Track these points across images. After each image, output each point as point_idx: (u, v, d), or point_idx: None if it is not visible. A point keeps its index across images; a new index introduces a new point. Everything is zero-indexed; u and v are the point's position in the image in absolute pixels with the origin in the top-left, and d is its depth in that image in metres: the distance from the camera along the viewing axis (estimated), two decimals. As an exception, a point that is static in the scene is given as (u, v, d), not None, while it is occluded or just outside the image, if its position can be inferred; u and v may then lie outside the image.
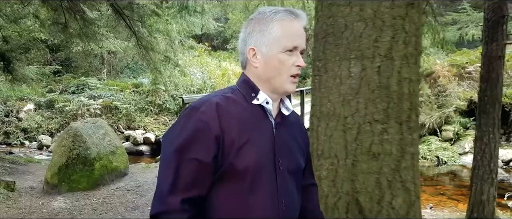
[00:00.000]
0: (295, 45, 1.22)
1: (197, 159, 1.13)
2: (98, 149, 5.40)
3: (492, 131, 5.32)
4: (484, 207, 5.37)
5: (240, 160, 1.16)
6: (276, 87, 1.25)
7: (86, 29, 9.64)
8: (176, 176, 1.13)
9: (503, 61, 5.33)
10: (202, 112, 1.15)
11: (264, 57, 1.23)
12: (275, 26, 1.22)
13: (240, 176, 1.17)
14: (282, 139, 1.29)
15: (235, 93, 1.26)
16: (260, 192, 1.20)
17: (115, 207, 4.52)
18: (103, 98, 13.51)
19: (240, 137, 1.17)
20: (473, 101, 12.08)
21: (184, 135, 1.15)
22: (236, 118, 1.19)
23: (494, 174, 5.35)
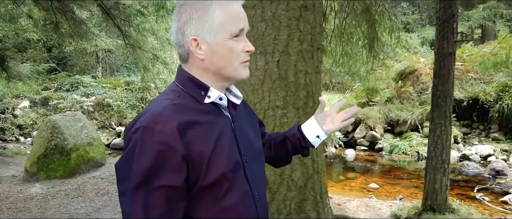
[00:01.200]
0: (240, 27, 1.13)
1: (166, 186, 1.02)
2: (75, 141, 5.80)
3: (444, 124, 5.68)
4: (437, 195, 5.72)
5: (213, 172, 1.07)
6: (229, 76, 1.16)
7: (76, 28, 9.96)
8: (146, 210, 1.00)
9: (454, 58, 5.68)
10: (160, 133, 1.01)
11: (210, 47, 1.11)
12: (216, 10, 1.10)
13: (214, 186, 1.09)
14: (241, 130, 1.23)
15: (182, 96, 1.13)
16: (234, 194, 1.13)
17: (86, 193, 4.92)
18: (96, 95, 13.93)
19: (207, 147, 1.08)
20: (454, 98, 12.38)
21: (145, 163, 1.00)
22: (196, 126, 1.08)
23: (446, 164, 5.70)
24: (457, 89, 12.32)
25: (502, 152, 11.08)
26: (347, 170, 11.01)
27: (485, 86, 11.98)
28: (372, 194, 8.45)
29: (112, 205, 4.48)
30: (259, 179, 1.27)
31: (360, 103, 13.59)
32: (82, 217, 4.11)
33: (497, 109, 11.42)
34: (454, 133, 12.04)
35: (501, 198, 8.11)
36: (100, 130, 13.23)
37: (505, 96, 11.34)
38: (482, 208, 7.74)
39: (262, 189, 1.28)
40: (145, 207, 1.00)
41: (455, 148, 11.77)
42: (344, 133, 13.61)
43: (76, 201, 4.60)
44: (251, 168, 1.22)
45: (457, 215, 5.64)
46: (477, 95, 11.89)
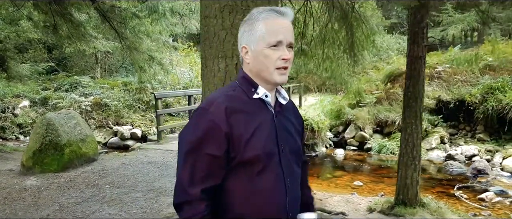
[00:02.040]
0: (278, 40, 1.33)
1: (210, 154, 1.30)
2: (68, 137, 6.18)
3: (414, 123, 6.02)
4: (408, 190, 6.06)
5: (249, 151, 1.32)
6: (267, 79, 1.38)
7: (74, 31, 10.29)
8: (193, 170, 1.31)
9: (424, 61, 6.03)
10: (212, 113, 1.30)
11: (253, 54, 1.37)
12: (260, 24, 1.35)
13: (250, 165, 1.33)
14: (282, 125, 1.45)
15: (237, 90, 1.41)
16: (268, 176, 1.36)
17: (77, 185, 5.29)
18: (94, 95, 14.28)
19: (247, 131, 1.33)
20: (441, 99, 12.77)
21: (198, 134, 1.31)
22: (241, 114, 1.34)
23: (417, 160, 6.03)
24: (444, 91, 12.70)
25: (487, 152, 11.40)
26: (335, 169, 11.36)
27: (471, 88, 12.32)
28: (355, 191, 8.81)
29: (100, 196, 4.84)
30: (293, 170, 1.46)
31: (350, 104, 13.94)
32: (71, 206, 4.48)
33: (482, 110, 11.76)
34: (441, 134, 12.42)
35: (479, 195, 8.47)
36: (98, 129, 13.60)
37: (490, 98, 11.68)
38: (460, 205, 8.09)
39: (294, 179, 1.47)
40: (192, 169, 1.31)
41: (442, 149, 12.12)
42: (335, 133, 13.96)
43: (67, 192, 4.97)
44: (287, 159, 1.43)
45: (427, 209, 5.97)
46: (463, 97, 12.23)
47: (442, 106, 12.72)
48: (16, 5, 10.49)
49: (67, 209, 4.38)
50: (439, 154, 11.92)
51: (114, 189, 5.13)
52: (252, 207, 1.35)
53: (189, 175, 1.31)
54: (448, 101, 12.54)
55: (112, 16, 10.08)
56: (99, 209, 4.39)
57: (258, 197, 1.35)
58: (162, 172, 6.05)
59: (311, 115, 12.97)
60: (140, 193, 4.97)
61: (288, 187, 1.41)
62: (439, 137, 12.35)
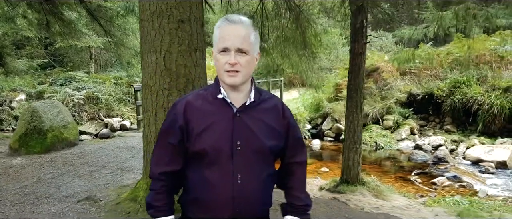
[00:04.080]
0: (225, 46, 1.44)
1: (171, 143, 1.52)
2: (51, 123, 6.98)
3: (355, 112, 6.77)
4: (350, 170, 6.83)
5: (198, 144, 1.47)
6: (221, 80, 1.51)
7: (65, 28, 11.03)
8: (158, 154, 1.58)
9: (364, 57, 6.77)
10: (177, 108, 1.52)
11: (213, 58, 1.52)
12: (216, 32, 1.49)
13: (200, 157, 1.49)
14: (243, 124, 1.51)
15: (208, 90, 1.57)
16: (216, 168, 1.48)
17: (56, 164, 6.10)
18: (86, 89, 15.07)
19: (199, 126, 1.48)
20: (412, 93, 13.51)
21: (165, 125, 1.56)
22: (199, 111, 1.50)
23: (358, 145, 6.79)
24: (415, 85, 13.42)
25: (452, 142, 12.14)
26: (309, 158, 12.12)
27: (439, 82, 13.04)
28: (320, 175, 9.60)
29: (74, 172, 5.64)
30: (253, 168, 1.52)
31: (328, 98, 14.67)
32: (47, 179, 5.29)
33: (449, 103, 12.50)
34: (411, 126, 13.17)
35: (432, 180, 9.23)
36: (90, 121, 14.41)
37: (457, 92, 12.41)
38: (412, 187, 8.86)
39: (254, 177, 1.53)
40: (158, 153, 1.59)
41: (411, 139, 12.88)
42: (314, 125, 14.72)
43: (46, 169, 5.77)
44: (245, 157, 1.50)
45: (367, 187, 6.75)
46: (432, 90, 12.97)
47: (413, 99, 13.46)
48: (11, 4, 11.27)
49: (43, 181, 5.19)
50: (408, 144, 12.68)
51: (87, 167, 5.94)
52: (201, 194, 1.50)
53: (155, 158, 1.59)
54: (418, 94, 13.27)
55: (100, 15, 10.82)
56: (71, 181, 5.20)
57: (205, 187, 1.49)
58: (134, 155, 6.85)
59: (290, 108, 13.72)
60: (109, 171, 5.78)
61: (238, 182, 1.48)
62: (409, 129, 13.11)
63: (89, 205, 4.11)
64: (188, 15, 3.73)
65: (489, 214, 5.68)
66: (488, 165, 10.21)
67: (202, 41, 3.93)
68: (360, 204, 5.90)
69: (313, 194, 6.99)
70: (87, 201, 4.23)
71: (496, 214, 5.65)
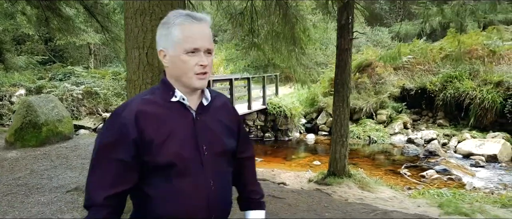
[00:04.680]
0: (195, 47, 1.30)
1: (119, 160, 1.26)
2: (46, 117, 7.18)
3: (342, 106, 6.94)
4: (337, 163, 7.02)
5: (162, 156, 1.27)
6: (185, 84, 1.34)
7: (63, 24, 11.21)
8: (101, 175, 1.27)
9: (350, 53, 6.93)
10: (123, 117, 1.27)
11: (171, 58, 1.33)
12: (176, 30, 1.30)
13: (165, 169, 1.29)
14: (205, 127, 1.39)
15: (155, 94, 1.37)
16: (186, 179, 1.32)
17: (50, 157, 6.31)
18: (85, 84, 15.30)
19: (158, 135, 1.28)
20: (405, 88, 13.66)
21: (108, 138, 1.28)
22: (153, 118, 1.29)
23: (344, 138, 6.96)
24: (408, 80, 13.57)
25: (444, 136, 12.31)
26: (303, 151, 12.36)
27: (432, 77, 13.19)
28: (311, 168, 9.78)
29: (66, 164, 5.85)
30: (221, 171, 1.44)
31: (323, 92, 14.84)
32: (41, 171, 5.50)
33: (442, 97, 12.66)
34: (404, 120, 13.34)
35: (421, 173, 9.41)
36: (88, 116, 14.64)
37: (449, 86, 12.56)
38: (400, 180, 9.04)
39: (222, 180, 1.43)
40: (100, 173, 1.27)
41: (404, 133, 13.05)
42: (309, 120, 14.90)
43: (40, 162, 5.97)
44: (212, 161, 1.38)
45: (353, 179, 6.93)
46: (425, 85, 13.12)
47: (406, 94, 13.61)
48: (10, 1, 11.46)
49: (36, 173, 5.39)
50: (401, 138, 12.86)
51: (80, 160, 6.14)
52: (170, 210, 1.32)
53: (97, 180, 1.28)
54: (411, 89, 13.42)
55: (97, 11, 11.00)
56: (63, 173, 5.40)
57: (176, 200, 1.32)
58: (127, 148, 7.05)
59: (285, 102, 13.92)
60: (100, 163, 5.98)
61: (212, 188, 1.38)
62: (402, 123, 13.27)
63: (77, 195, 4.31)
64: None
65: (470, 205, 5.85)
66: (479, 158, 10.38)
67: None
68: (345, 196, 6.08)
69: (301, 186, 7.18)
70: (75, 191, 4.43)
71: (477, 205, 5.82)
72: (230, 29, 8.14)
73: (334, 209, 4.57)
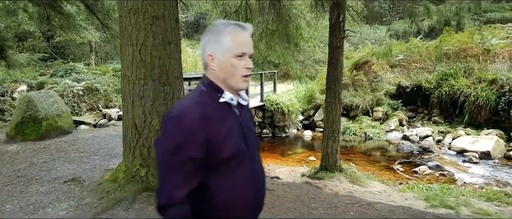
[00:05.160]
0: (243, 51, 1.49)
1: (191, 158, 1.41)
2: (46, 112, 7.39)
3: (334, 102, 7.12)
4: (329, 157, 7.20)
5: (225, 151, 1.46)
6: (231, 85, 1.52)
7: (64, 21, 11.39)
8: (178, 174, 1.42)
9: (342, 51, 7.10)
10: (188, 120, 1.41)
11: (219, 62, 1.50)
12: (227, 37, 1.48)
13: (227, 162, 1.48)
14: (246, 124, 1.61)
15: (203, 96, 1.52)
16: (243, 168, 1.53)
17: (49, 150, 6.51)
18: (86, 81, 15.50)
19: (220, 133, 1.46)
20: (401, 85, 13.82)
21: (178, 140, 1.41)
22: (214, 119, 1.47)
23: (336, 133, 7.15)
24: (404, 78, 13.74)
25: (439, 133, 12.47)
26: (299, 147, 12.54)
27: (428, 75, 13.34)
28: (306, 164, 9.97)
29: (65, 157, 6.05)
30: (259, 162, 1.68)
31: (321, 89, 14.99)
32: (40, 163, 5.70)
33: (437, 95, 12.82)
34: (400, 117, 13.51)
35: (414, 169, 9.59)
36: (89, 111, 14.85)
37: (444, 84, 12.71)
38: (393, 175, 9.22)
39: (260, 166, 1.67)
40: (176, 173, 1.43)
41: (400, 130, 13.22)
42: (306, 117, 15.08)
43: (39, 155, 6.18)
44: (252, 153, 1.60)
45: (344, 173, 7.12)
46: (420, 82, 13.28)
47: (402, 91, 13.77)
48: (13, -1, 11.62)
49: (35, 165, 5.59)
50: (396, 135, 13.03)
51: (78, 153, 6.34)
52: (232, 197, 1.51)
53: (175, 179, 1.43)
54: (407, 86, 13.58)
55: (97, 9, 11.18)
56: (61, 166, 5.60)
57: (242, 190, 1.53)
58: (125, 143, 7.26)
59: (283, 99, 14.10)
60: (98, 156, 6.18)
61: (260, 177, 1.63)
62: (398, 120, 13.44)
63: (74, 185, 4.51)
64: (162, 12, 4.09)
65: (456, 198, 6.03)
66: (472, 155, 10.53)
67: (176, 35, 4.30)
68: (335, 189, 6.26)
69: (294, 180, 7.37)
70: (72, 182, 4.63)
71: (462, 199, 6.00)
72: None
73: (321, 200, 4.76)
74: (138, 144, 4.22)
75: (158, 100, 4.17)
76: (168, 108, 4.22)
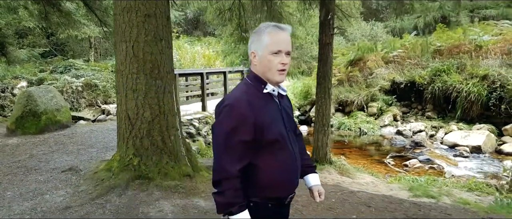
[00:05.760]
0: (279, 49, 1.71)
1: (243, 140, 1.67)
2: (45, 107, 7.65)
3: (324, 97, 7.33)
4: (319, 150, 7.43)
5: (269, 134, 1.71)
6: (269, 78, 1.76)
7: (63, 19, 11.59)
8: (232, 153, 1.68)
9: (331, 47, 7.30)
10: (239, 108, 1.68)
11: (260, 58, 1.75)
12: (266, 37, 1.72)
13: (272, 144, 1.73)
14: (285, 112, 1.87)
15: (249, 87, 1.79)
16: (284, 151, 1.78)
17: (48, 143, 6.76)
18: (85, 77, 15.71)
19: (266, 119, 1.71)
20: (395, 81, 14.03)
21: (231, 125, 1.67)
22: (260, 107, 1.72)
23: (326, 127, 7.37)
24: (398, 73, 13.95)
25: (432, 128, 12.68)
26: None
27: (421, 70, 13.55)
28: (300, 158, 10.17)
29: (63, 150, 6.30)
30: (296, 144, 1.92)
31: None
32: (39, 155, 5.95)
33: (430, 91, 13.03)
34: (394, 112, 13.73)
35: (404, 162, 9.82)
36: (88, 107, 15.07)
37: (437, 80, 12.91)
38: (384, 168, 9.45)
39: (297, 149, 1.90)
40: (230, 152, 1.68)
41: (394, 125, 13.43)
42: (302, 112, 15.31)
43: (39, 147, 6.43)
44: (291, 137, 1.87)
45: (334, 166, 7.35)
46: (414, 78, 13.49)
47: (396, 87, 13.99)
48: (11, -4, 11.83)
49: (35, 157, 5.85)
50: (390, 130, 13.25)
51: (76, 146, 6.59)
52: (278, 176, 1.77)
53: (229, 157, 1.68)
54: (401, 82, 13.80)
55: (95, 6, 11.38)
56: (60, 157, 5.85)
57: (282, 168, 1.78)
58: (121, 136, 7.51)
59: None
60: (95, 149, 6.43)
61: (296, 156, 1.87)
62: (392, 115, 13.66)
63: (71, 174, 4.77)
64: (154, 10, 4.33)
65: (439, 189, 6.26)
66: (463, 149, 10.74)
67: (167, 32, 4.53)
68: (324, 180, 6.49)
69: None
70: (69, 171, 4.88)
71: (445, 189, 6.24)
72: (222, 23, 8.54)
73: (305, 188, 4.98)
74: (131, 135, 4.46)
75: (150, 93, 4.40)
76: (159, 101, 4.47)
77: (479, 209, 4.78)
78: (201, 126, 9.93)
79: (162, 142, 4.52)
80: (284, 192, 1.85)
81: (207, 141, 9.90)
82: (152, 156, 4.46)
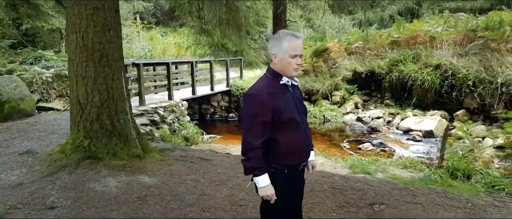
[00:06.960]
0: (296, 54, 2.21)
1: (263, 121, 2.16)
2: (8, 96, 7.92)
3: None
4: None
5: (285, 116, 2.19)
6: (287, 74, 2.26)
7: (31, 10, 11.70)
8: (255, 130, 2.17)
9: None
10: (260, 96, 2.17)
11: (280, 60, 2.23)
12: (286, 43, 2.19)
13: (287, 123, 2.22)
14: (297, 98, 2.37)
15: (268, 80, 2.27)
16: (298, 130, 2.29)
17: (11, 130, 7.06)
18: (55, 68, 15.79)
19: (281, 104, 2.19)
20: (357, 71, 14.67)
21: (255, 109, 2.17)
22: (277, 94, 2.20)
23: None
24: (359, 64, 14.57)
25: (390, 115, 13.36)
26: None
27: (380, 61, 14.21)
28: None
29: (25, 136, 6.62)
30: (306, 125, 2.43)
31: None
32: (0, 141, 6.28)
33: (388, 80, 13.71)
34: (355, 101, 14.38)
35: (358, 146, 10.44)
36: (58, 98, 15.21)
37: (394, 69, 13.59)
38: (339, 151, 10.04)
39: (308, 131, 2.42)
40: (254, 130, 2.18)
41: (355, 112, 14.09)
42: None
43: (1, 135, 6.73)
44: (302, 118, 2.37)
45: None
46: (374, 68, 14.15)
47: (357, 77, 14.63)
48: (-22, -13, 11.88)
49: (-4, 143, 6.18)
50: (352, 117, 13.90)
51: (37, 133, 6.91)
52: (292, 148, 2.27)
53: (253, 133, 2.17)
54: (362, 72, 14.44)
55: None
56: (20, 143, 6.18)
57: (295, 142, 2.28)
58: (84, 123, 7.84)
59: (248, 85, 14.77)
60: (56, 135, 6.77)
61: (307, 136, 2.38)
62: (354, 103, 14.32)
63: (27, 156, 5.13)
64: (102, 4, 4.71)
65: (376, 167, 6.85)
66: (416, 134, 11.42)
67: (116, 24, 4.92)
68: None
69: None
70: (26, 154, 5.24)
71: (382, 167, 6.83)
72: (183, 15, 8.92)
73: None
74: (81, 119, 4.86)
75: (99, 80, 4.80)
76: (108, 87, 4.87)
77: (400, 181, 5.35)
78: (166, 114, 10.27)
79: (111, 125, 4.94)
80: (298, 160, 2.35)
81: (172, 129, 10.28)
82: (101, 138, 4.87)
